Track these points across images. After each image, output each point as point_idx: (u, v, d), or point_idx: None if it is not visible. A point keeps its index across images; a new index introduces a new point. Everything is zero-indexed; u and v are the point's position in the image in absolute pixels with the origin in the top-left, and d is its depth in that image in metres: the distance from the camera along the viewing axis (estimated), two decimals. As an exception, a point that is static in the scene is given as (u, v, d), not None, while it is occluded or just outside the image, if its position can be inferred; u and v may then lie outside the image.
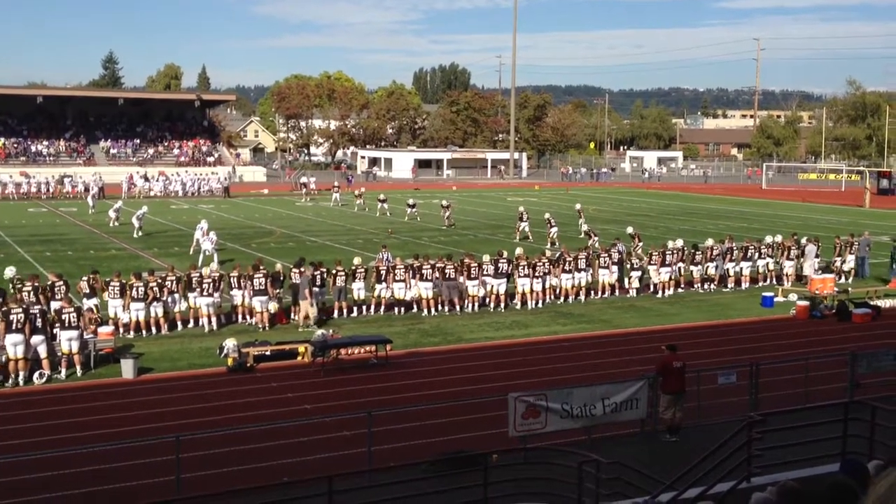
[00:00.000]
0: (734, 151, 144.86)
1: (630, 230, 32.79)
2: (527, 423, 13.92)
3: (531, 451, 13.10)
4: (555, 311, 24.95)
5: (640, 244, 30.95)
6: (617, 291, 27.05)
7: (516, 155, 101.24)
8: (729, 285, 28.20)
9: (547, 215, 38.87)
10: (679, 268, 27.68)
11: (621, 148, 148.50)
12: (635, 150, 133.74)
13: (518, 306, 25.10)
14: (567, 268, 25.86)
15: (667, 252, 27.53)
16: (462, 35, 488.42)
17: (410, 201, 49.68)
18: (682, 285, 27.83)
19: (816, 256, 28.82)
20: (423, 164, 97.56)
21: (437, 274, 24.11)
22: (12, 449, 13.85)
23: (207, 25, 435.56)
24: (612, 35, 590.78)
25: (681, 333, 21.83)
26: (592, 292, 26.67)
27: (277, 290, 22.73)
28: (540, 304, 25.32)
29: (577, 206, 43.74)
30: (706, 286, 28.00)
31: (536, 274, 25.28)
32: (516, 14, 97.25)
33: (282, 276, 23.18)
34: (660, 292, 27.18)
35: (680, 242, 28.57)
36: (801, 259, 28.99)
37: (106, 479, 12.98)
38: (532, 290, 25.16)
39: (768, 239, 29.98)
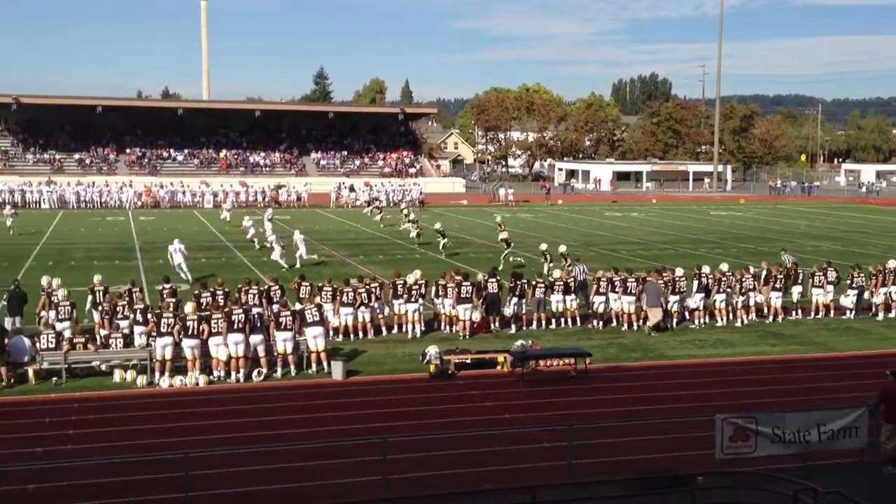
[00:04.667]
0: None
1: (563, 249, 30.30)
2: (735, 447, 13.40)
3: (740, 475, 12.59)
4: (763, 331, 23.90)
5: (567, 264, 28.03)
6: (832, 312, 25.54)
7: (720, 167, 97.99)
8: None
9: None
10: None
11: (835, 160, 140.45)
12: (851, 163, 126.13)
13: (718, 323, 24.27)
14: (777, 286, 24.74)
15: (886, 272, 25.77)
16: (664, 44, 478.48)
17: (498, 218, 42.79)
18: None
19: None
20: (621, 177, 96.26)
21: (639, 287, 23.66)
22: (230, 442, 14.78)
23: (411, 41, 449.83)
24: (825, 42, 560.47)
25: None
26: (801, 312, 25.36)
27: (480, 300, 23.05)
28: (745, 321, 24.37)
29: (498, 219, 40.32)
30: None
31: (742, 290, 24.36)
32: (722, 22, 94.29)
33: (483, 286, 23.48)
34: (879, 314, 25.47)
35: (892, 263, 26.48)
36: None
37: (314, 476, 13.56)
38: (733, 307, 24.27)
39: None
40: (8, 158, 76.20)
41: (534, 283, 23.83)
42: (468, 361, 19.64)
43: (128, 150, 79.50)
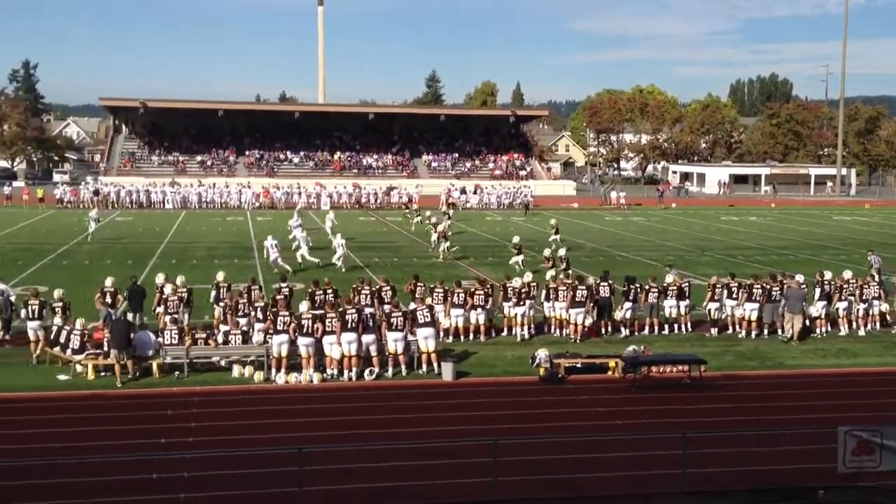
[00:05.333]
0: None
1: (547, 252, 29.96)
2: (858, 460, 12.86)
3: (863, 490, 12.09)
4: (888, 341, 22.89)
5: (563, 268, 27.74)
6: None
7: (843, 170, 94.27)
8: None
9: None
10: None
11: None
12: None
13: (840, 332, 23.36)
14: (905, 294, 23.69)
15: None
16: (783, 44, 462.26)
17: (553, 221, 42.54)
18: None
19: None
20: (738, 180, 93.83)
21: (763, 294, 22.98)
22: (342, 439, 15.05)
23: (522, 43, 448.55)
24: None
25: None
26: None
27: (591, 304, 22.83)
28: (868, 331, 23.40)
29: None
30: None
31: (864, 297, 23.39)
32: (847, 20, 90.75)
33: (595, 290, 23.24)
34: None
35: None
36: None
37: (423, 476, 13.64)
38: (859, 314, 23.33)
39: None
40: (135, 160, 79.64)
41: (646, 287, 23.44)
42: (579, 365, 19.46)
43: (247, 153, 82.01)
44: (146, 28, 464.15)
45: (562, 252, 29.99)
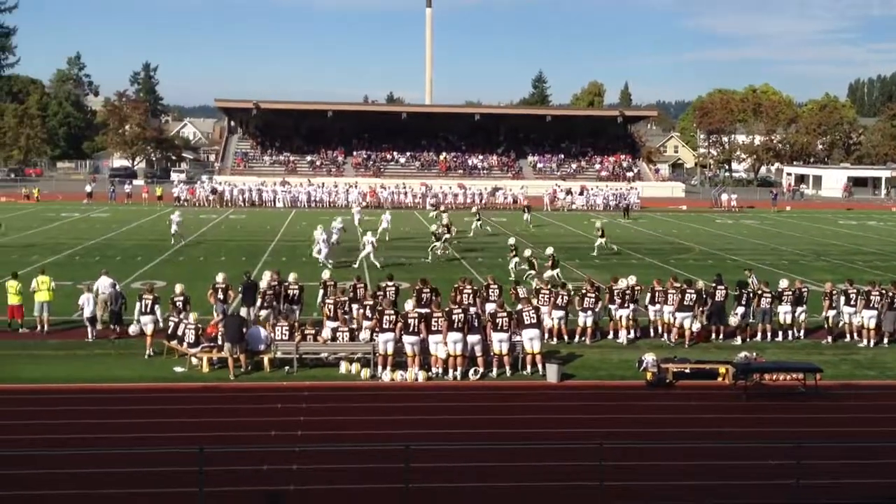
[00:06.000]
0: None
1: (550, 250, 29.91)
2: None
3: None
4: None
5: (549, 264, 28.92)
6: None
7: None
8: None
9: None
10: None
11: None
12: None
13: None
14: None
15: None
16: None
17: (598, 223, 41.90)
18: None
19: None
20: (857, 183, 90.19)
21: (882, 302, 22.05)
22: (447, 437, 15.13)
23: (630, 42, 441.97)
24: None
25: None
26: None
27: (702, 308, 22.33)
28: None
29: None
30: None
31: None
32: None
33: (704, 293, 22.73)
34: None
35: None
36: None
37: (527, 477, 13.59)
38: None
39: None
40: (247, 160, 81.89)
41: (760, 292, 22.78)
42: (687, 371, 19.05)
43: (354, 153, 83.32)
44: (259, 31, 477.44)
45: (549, 250, 30.51)
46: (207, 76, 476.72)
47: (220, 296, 22.04)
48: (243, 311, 21.68)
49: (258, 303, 22.06)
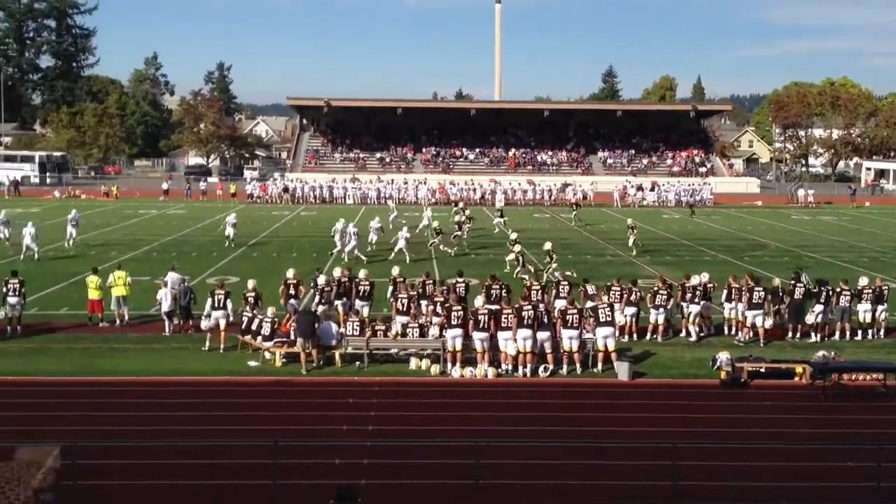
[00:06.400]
0: None
1: (548, 246, 29.61)
2: None
3: None
4: None
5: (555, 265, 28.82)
6: None
7: None
8: None
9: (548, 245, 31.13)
10: None
11: None
12: None
13: None
14: None
15: None
16: None
17: (629, 222, 40.52)
18: None
19: None
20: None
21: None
22: (517, 434, 15.08)
23: (704, 35, 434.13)
24: None
25: None
26: None
27: (776, 307, 21.86)
28: None
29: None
30: None
31: None
32: None
33: (781, 291, 22.24)
34: None
35: None
36: None
37: (598, 476, 13.47)
38: None
39: None
40: (318, 157, 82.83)
41: (838, 290, 22.20)
42: (762, 370, 18.67)
43: (423, 150, 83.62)
44: (329, 30, 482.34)
45: (547, 246, 30.59)
46: (280, 75, 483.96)
47: (292, 291, 22.32)
48: (319, 309, 21.90)
49: (315, 298, 22.27)
